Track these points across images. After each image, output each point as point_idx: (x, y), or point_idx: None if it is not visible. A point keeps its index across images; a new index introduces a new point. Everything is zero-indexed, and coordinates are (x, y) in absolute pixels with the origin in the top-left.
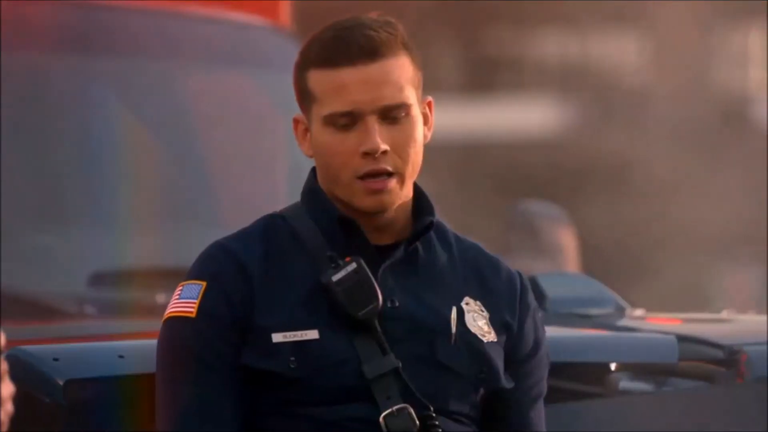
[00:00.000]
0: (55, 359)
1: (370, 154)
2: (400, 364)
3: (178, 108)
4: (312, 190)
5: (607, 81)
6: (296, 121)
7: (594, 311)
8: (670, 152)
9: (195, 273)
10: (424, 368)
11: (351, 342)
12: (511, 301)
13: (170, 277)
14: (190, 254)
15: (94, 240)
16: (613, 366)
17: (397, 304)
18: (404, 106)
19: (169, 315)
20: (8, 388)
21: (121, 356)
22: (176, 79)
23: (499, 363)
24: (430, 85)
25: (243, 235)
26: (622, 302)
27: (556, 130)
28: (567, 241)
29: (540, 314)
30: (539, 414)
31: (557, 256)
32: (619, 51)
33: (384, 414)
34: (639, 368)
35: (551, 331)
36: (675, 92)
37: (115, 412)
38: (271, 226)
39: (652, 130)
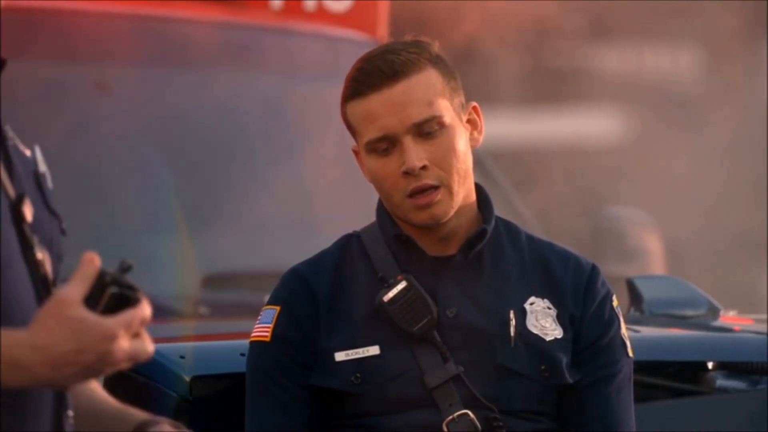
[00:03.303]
0: (182, 357)
1: (410, 173)
2: (462, 370)
3: (285, 119)
4: (378, 211)
5: (663, 91)
6: (354, 152)
7: (689, 312)
8: (725, 160)
9: (272, 298)
10: (485, 372)
11: (412, 354)
12: (577, 290)
13: (278, 280)
14: (295, 258)
15: (208, 244)
16: (709, 365)
17: (456, 312)
18: (435, 119)
19: (251, 339)
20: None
21: (242, 354)
22: (281, 91)
23: (564, 359)
24: (495, 96)
25: (317, 259)
26: (716, 303)
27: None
28: (653, 245)
29: (614, 302)
30: (616, 399)
31: (645, 259)
32: (674, 62)
33: (446, 420)
34: (734, 367)
35: (648, 332)
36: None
37: (238, 407)
38: (346, 247)
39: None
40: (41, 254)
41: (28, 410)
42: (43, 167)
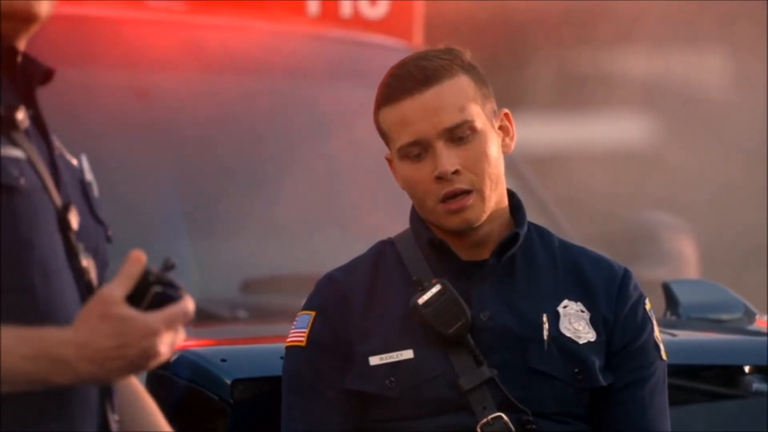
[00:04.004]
0: (223, 360)
1: (442, 178)
2: (496, 373)
3: (324, 124)
4: (411, 217)
5: (690, 95)
6: (388, 160)
7: (725, 316)
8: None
9: (307, 304)
10: (518, 375)
11: (446, 357)
12: (609, 294)
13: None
14: (333, 261)
15: (246, 248)
16: (745, 368)
17: (489, 316)
18: (466, 124)
19: (287, 344)
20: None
21: (282, 357)
22: (320, 96)
23: (597, 362)
24: (525, 101)
25: (352, 265)
26: (752, 307)
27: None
28: (687, 249)
29: (647, 306)
30: (650, 402)
31: (679, 264)
32: (701, 67)
33: (480, 423)
34: None
35: (685, 336)
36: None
37: (279, 410)
38: (380, 253)
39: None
40: (86, 262)
41: (75, 413)
42: (89, 176)
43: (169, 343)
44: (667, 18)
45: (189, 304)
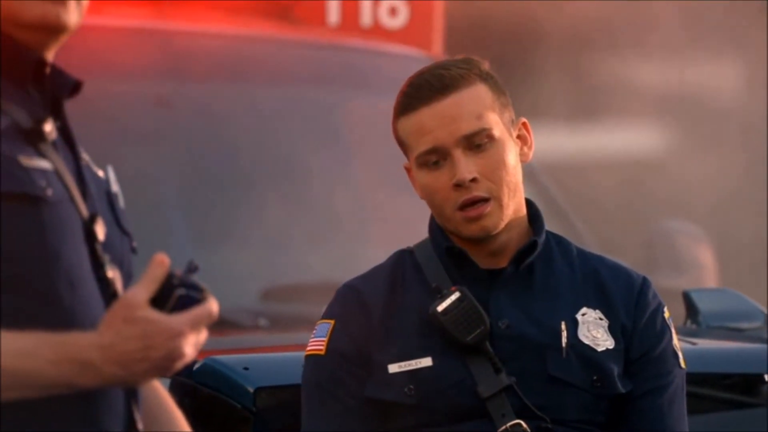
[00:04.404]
0: (246, 368)
1: (461, 185)
2: (515, 380)
3: (344, 133)
4: (430, 226)
5: (704, 105)
6: (406, 169)
7: (745, 325)
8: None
9: (326, 312)
10: (537, 382)
11: (465, 364)
12: (628, 302)
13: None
14: (353, 270)
15: (265, 257)
16: (765, 377)
17: (507, 323)
18: (484, 132)
19: (306, 353)
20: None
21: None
22: (340, 106)
23: (616, 369)
24: (540, 112)
25: (371, 274)
26: None
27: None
28: (706, 257)
29: (665, 314)
30: (669, 410)
31: (698, 272)
32: (715, 77)
33: (499, 430)
34: None
35: (705, 344)
36: None
37: (301, 418)
38: (399, 262)
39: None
40: (112, 273)
41: (100, 413)
42: (115, 187)
43: (194, 345)
44: (681, 27)
45: (213, 305)
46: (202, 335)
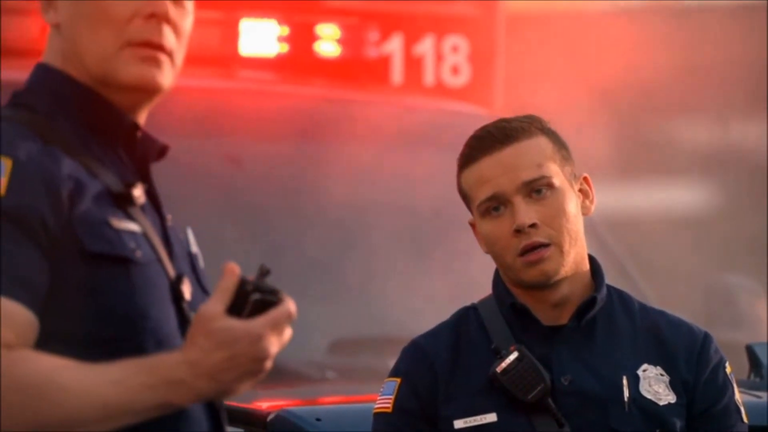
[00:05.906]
0: (318, 419)
1: (521, 231)
2: None
3: (409, 190)
4: (494, 282)
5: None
6: (471, 225)
7: None
8: None
9: (393, 370)
10: None
11: (529, 421)
12: (689, 357)
13: (401, 345)
14: (418, 325)
15: (333, 310)
16: None
17: (570, 379)
18: (544, 179)
19: (375, 411)
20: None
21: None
22: (405, 163)
23: (678, 423)
24: (585, 168)
25: (436, 331)
26: None
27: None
28: (763, 311)
29: (727, 369)
30: None
31: (756, 326)
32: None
33: None
34: None
35: None
36: None
37: None
38: (463, 319)
39: None
40: None
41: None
42: (195, 248)
43: (278, 345)
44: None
45: (290, 305)
46: (286, 335)
